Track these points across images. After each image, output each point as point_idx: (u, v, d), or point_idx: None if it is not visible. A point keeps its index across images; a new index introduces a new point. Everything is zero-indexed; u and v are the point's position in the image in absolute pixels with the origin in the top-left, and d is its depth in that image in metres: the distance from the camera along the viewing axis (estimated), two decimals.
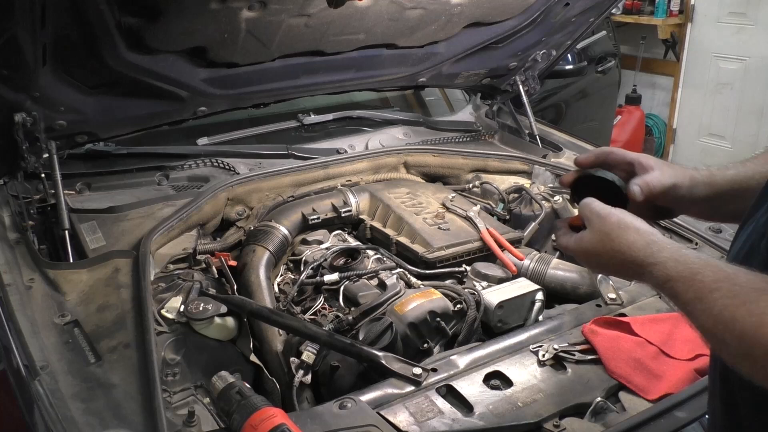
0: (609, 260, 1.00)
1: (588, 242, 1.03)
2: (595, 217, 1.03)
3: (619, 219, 1.01)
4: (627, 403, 1.33)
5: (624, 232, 0.98)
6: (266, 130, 2.54)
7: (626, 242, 0.97)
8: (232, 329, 1.59)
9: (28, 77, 1.62)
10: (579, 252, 1.06)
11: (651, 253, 0.94)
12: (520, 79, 2.67)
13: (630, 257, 0.96)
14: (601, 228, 1.01)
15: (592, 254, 1.03)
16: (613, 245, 0.98)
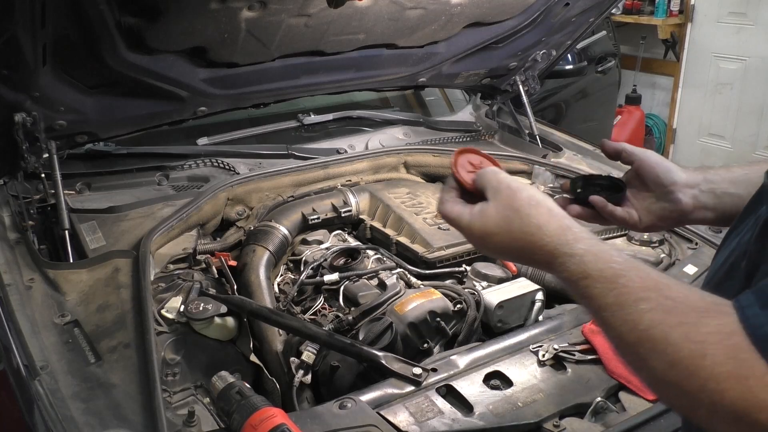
0: (512, 243, 0.85)
1: (490, 218, 0.87)
2: (504, 189, 0.87)
3: (530, 195, 0.86)
4: (627, 403, 1.33)
5: (535, 211, 0.84)
6: (266, 130, 2.54)
7: (536, 224, 0.83)
8: (232, 329, 1.59)
9: (28, 77, 1.62)
10: (475, 228, 0.89)
11: (566, 241, 0.81)
12: (520, 79, 2.67)
13: (539, 242, 0.82)
14: (510, 203, 0.86)
15: (492, 233, 0.87)
16: (522, 225, 0.84)
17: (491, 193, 0.89)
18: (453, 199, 0.95)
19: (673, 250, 1.92)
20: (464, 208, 0.91)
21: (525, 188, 0.88)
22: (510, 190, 0.87)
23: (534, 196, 0.86)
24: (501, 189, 0.88)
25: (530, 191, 0.87)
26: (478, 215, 0.89)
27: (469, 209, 0.91)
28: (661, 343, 0.67)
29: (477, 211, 0.89)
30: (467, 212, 0.91)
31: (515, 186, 0.88)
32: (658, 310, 0.69)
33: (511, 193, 0.86)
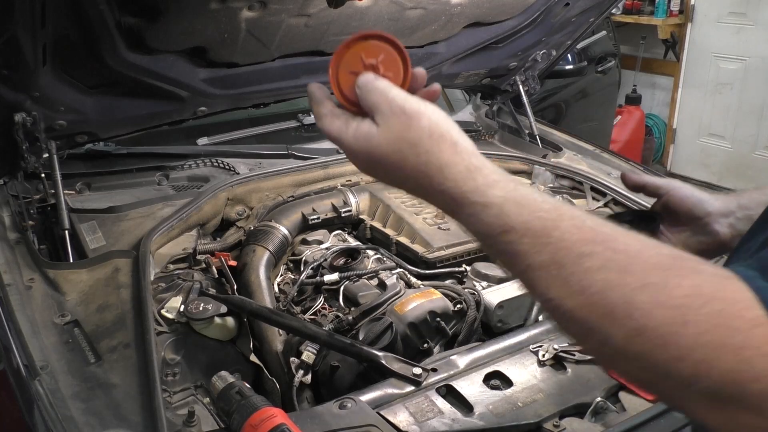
0: (405, 180, 0.72)
1: (377, 147, 0.71)
2: (397, 113, 0.71)
3: (432, 123, 0.70)
4: (627, 403, 1.33)
5: (437, 146, 0.69)
6: (266, 130, 2.54)
7: (437, 163, 0.69)
8: (232, 329, 1.59)
9: (28, 77, 1.62)
10: (360, 153, 0.74)
11: (476, 187, 0.67)
12: (520, 79, 2.67)
13: (440, 187, 0.69)
14: (403, 133, 0.70)
15: (379, 164, 0.72)
16: (417, 163, 0.69)
17: (380, 117, 0.71)
18: (331, 113, 0.76)
19: None
20: (344, 126, 0.74)
21: (424, 112, 0.70)
22: (405, 116, 0.70)
23: (437, 125, 0.70)
24: (392, 113, 0.70)
25: (432, 116, 0.70)
26: (363, 139, 0.72)
27: (352, 127, 0.73)
28: (621, 309, 0.56)
29: (362, 134, 0.72)
30: (350, 132, 0.73)
31: (411, 109, 0.70)
32: (610, 268, 0.58)
33: (406, 120, 0.70)
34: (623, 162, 2.46)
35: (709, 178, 5.84)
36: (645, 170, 2.38)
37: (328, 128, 0.76)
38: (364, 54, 0.75)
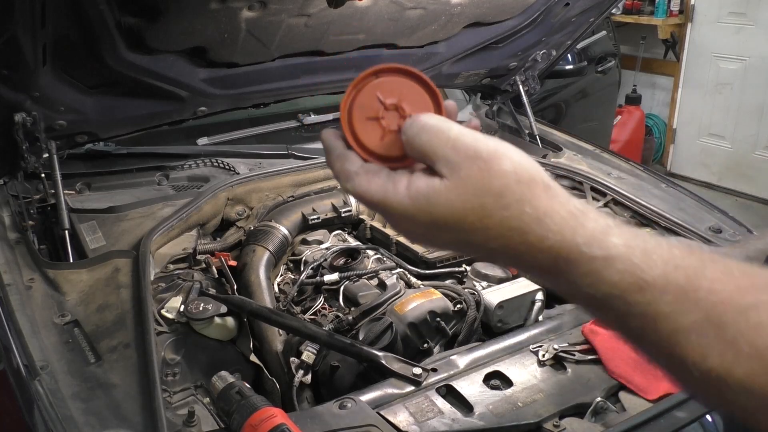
0: (488, 241, 0.56)
1: (446, 203, 0.55)
2: (472, 156, 0.55)
3: (515, 165, 0.56)
4: (627, 403, 1.33)
5: (529, 191, 0.55)
6: (266, 130, 2.54)
7: (535, 212, 0.55)
8: (232, 329, 1.59)
9: (28, 77, 1.62)
10: (419, 214, 0.56)
11: (591, 236, 0.54)
12: (520, 79, 2.67)
13: (542, 241, 0.54)
14: (482, 182, 0.54)
15: (450, 227, 0.56)
16: (507, 215, 0.55)
17: (444, 165, 0.55)
18: (364, 169, 0.59)
19: None
20: (391, 184, 0.57)
21: (504, 153, 0.56)
22: (481, 160, 0.55)
23: (522, 166, 0.56)
24: (463, 158, 0.55)
25: (513, 156, 0.56)
26: (424, 198, 0.56)
27: (402, 184, 0.57)
28: None
29: (420, 191, 0.56)
30: (401, 190, 0.57)
31: (488, 151, 0.55)
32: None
33: (483, 165, 0.55)
34: (623, 162, 2.46)
35: (709, 178, 5.84)
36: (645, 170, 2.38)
37: (364, 189, 0.58)
38: (381, 93, 0.59)
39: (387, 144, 0.59)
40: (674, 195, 2.18)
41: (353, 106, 0.60)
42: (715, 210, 2.08)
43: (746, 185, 5.61)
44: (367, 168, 0.59)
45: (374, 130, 0.59)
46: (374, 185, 0.58)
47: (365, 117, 0.59)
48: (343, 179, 0.60)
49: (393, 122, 0.59)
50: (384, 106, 0.59)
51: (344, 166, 0.60)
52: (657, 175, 2.35)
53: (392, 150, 0.59)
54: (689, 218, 2.00)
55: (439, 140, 0.56)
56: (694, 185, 5.60)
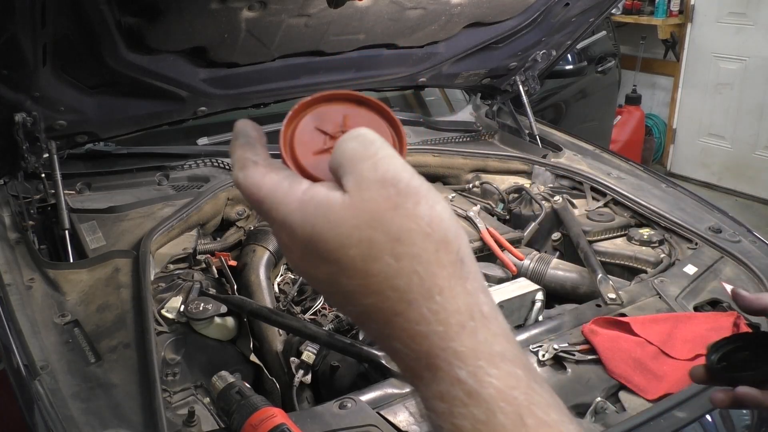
0: (361, 291, 0.45)
1: (335, 222, 0.45)
2: (386, 181, 0.45)
3: (433, 215, 0.45)
4: (627, 403, 1.33)
5: (433, 254, 0.44)
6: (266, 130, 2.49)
7: (428, 281, 0.44)
8: (232, 329, 1.59)
9: (28, 77, 1.62)
10: (302, 226, 0.46)
11: (473, 347, 0.43)
12: (520, 79, 2.67)
13: (417, 321, 0.44)
14: (383, 213, 0.44)
15: (329, 251, 0.45)
16: (395, 268, 0.44)
17: (352, 180, 0.46)
18: (266, 162, 0.50)
19: (673, 250, 1.92)
20: (286, 183, 0.48)
21: (426, 195, 0.46)
22: (395, 190, 0.45)
23: (441, 221, 0.45)
24: (376, 180, 0.45)
25: (436, 205, 0.46)
26: (314, 208, 0.46)
27: (299, 188, 0.47)
28: None
29: (314, 199, 0.46)
30: (294, 193, 0.47)
31: (408, 184, 0.45)
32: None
33: (395, 196, 0.45)
34: (623, 162, 2.46)
35: (709, 178, 5.85)
36: (645, 170, 2.38)
37: (255, 181, 0.49)
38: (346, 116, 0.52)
39: (319, 160, 0.50)
40: (674, 195, 2.18)
41: (307, 113, 0.53)
42: (715, 210, 2.08)
43: (746, 185, 5.61)
44: (271, 162, 0.50)
45: (313, 141, 0.51)
46: (268, 180, 0.48)
47: (313, 126, 0.52)
48: (238, 167, 0.50)
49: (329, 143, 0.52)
50: (340, 129, 0.51)
51: (245, 153, 0.51)
52: (657, 175, 2.35)
53: (319, 168, 0.50)
54: (689, 218, 2.00)
55: (363, 152, 0.46)
56: (694, 185, 5.60)
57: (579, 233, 1.95)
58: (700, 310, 1.64)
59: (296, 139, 0.51)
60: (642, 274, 1.83)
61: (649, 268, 1.87)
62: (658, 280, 1.72)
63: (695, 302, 1.65)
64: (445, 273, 0.44)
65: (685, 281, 1.72)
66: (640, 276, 1.81)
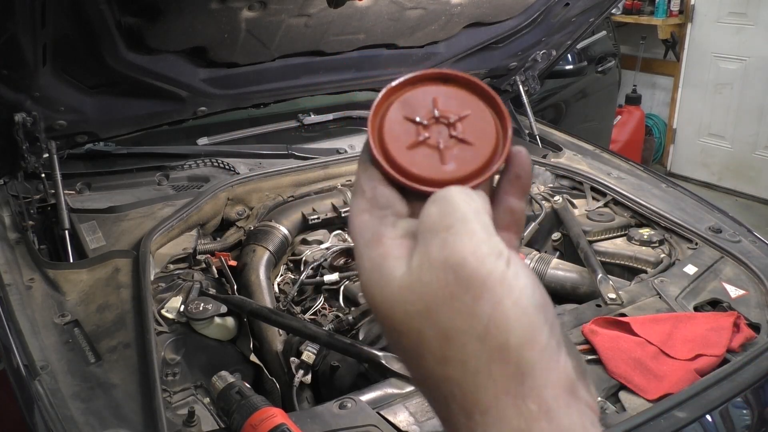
0: (416, 367, 0.41)
1: (391, 293, 0.40)
2: (448, 266, 0.39)
3: (498, 317, 0.38)
4: (627, 403, 1.33)
5: (486, 364, 0.38)
6: (266, 130, 2.54)
7: (471, 394, 0.38)
8: (232, 329, 1.59)
9: (28, 77, 1.62)
10: (371, 282, 0.41)
11: None
12: (520, 79, 2.67)
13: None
14: (436, 304, 0.39)
15: (386, 316, 0.41)
16: (440, 373, 0.39)
17: (419, 252, 0.40)
18: (372, 197, 0.44)
19: (673, 250, 1.92)
20: (369, 233, 0.43)
21: (494, 287, 0.38)
22: (454, 276, 0.38)
23: (506, 323, 0.38)
24: (448, 262, 0.39)
25: (518, 296, 0.39)
26: (377, 270, 0.41)
27: (376, 241, 0.42)
28: None
29: (383, 268, 0.41)
30: (371, 247, 0.42)
31: (475, 271, 0.38)
32: None
33: (454, 283, 0.38)
34: (623, 162, 2.46)
35: (709, 178, 5.84)
36: (645, 170, 2.38)
37: (351, 214, 0.45)
38: (436, 98, 0.45)
39: (414, 156, 0.44)
40: (674, 195, 2.18)
41: (392, 103, 0.45)
42: (715, 210, 2.08)
43: (746, 185, 5.61)
44: (376, 197, 0.44)
45: (406, 134, 0.44)
46: (359, 221, 0.44)
47: (402, 116, 0.45)
48: (354, 190, 0.46)
49: (435, 138, 0.44)
50: (433, 116, 0.45)
51: (362, 179, 0.45)
52: (657, 175, 2.35)
53: (417, 164, 0.43)
54: (689, 218, 2.00)
55: (438, 222, 0.40)
56: (694, 185, 5.59)
57: (579, 233, 1.95)
58: (700, 310, 1.64)
59: (386, 134, 0.44)
60: (642, 274, 1.83)
61: (649, 268, 1.87)
62: (658, 280, 1.72)
63: (695, 302, 1.65)
64: (494, 388, 0.37)
65: (685, 281, 1.72)
66: (640, 276, 1.81)
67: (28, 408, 1.25)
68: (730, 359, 1.45)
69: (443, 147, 0.44)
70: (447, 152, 0.44)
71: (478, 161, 0.44)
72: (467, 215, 0.40)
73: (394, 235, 0.42)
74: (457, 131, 0.44)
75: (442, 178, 0.43)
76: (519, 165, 0.45)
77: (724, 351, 1.46)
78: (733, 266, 1.79)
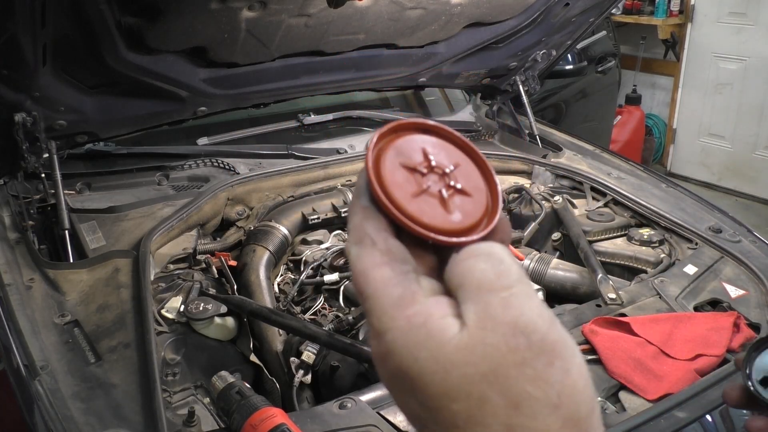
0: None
1: (449, 353, 0.37)
2: (515, 329, 0.37)
3: (573, 387, 0.38)
4: (627, 403, 1.33)
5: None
6: (266, 130, 2.54)
7: None
8: (232, 329, 1.59)
9: (28, 77, 1.62)
10: (410, 346, 0.38)
11: None
12: (520, 79, 2.67)
13: None
14: (502, 366, 0.37)
15: (436, 382, 0.37)
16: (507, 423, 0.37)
17: (475, 310, 0.38)
18: (386, 248, 0.41)
19: (673, 250, 1.92)
20: (399, 288, 0.40)
21: (563, 352, 0.38)
22: (524, 339, 0.37)
23: (577, 388, 0.38)
24: (514, 324, 0.37)
25: (569, 359, 0.38)
26: (423, 335, 0.38)
27: (409, 297, 0.39)
28: None
29: (430, 326, 0.39)
30: (405, 304, 0.39)
31: (555, 337, 0.38)
32: None
33: (525, 348, 0.37)
34: (623, 162, 2.46)
35: (709, 178, 5.84)
36: (645, 170, 2.38)
37: (364, 269, 0.41)
38: (429, 150, 0.45)
39: (422, 204, 0.42)
40: (674, 195, 2.18)
41: (385, 151, 0.43)
42: (715, 210, 2.08)
43: (746, 185, 5.61)
44: (391, 248, 0.41)
45: (407, 183, 0.42)
46: (379, 275, 0.40)
47: (398, 164, 0.43)
48: (354, 238, 0.42)
49: (434, 186, 0.43)
50: (427, 165, 0.43)
51: (366, 223, 0.42)
52: (657, 175, 2.35)
53: (427, 213, 0.42)
54: (689, 218, 2.00)
55: (494, 281, 0.39)
56: (694, 185, 5.59)
57: (579, 233, 1.95)
58: (700, 310, 1.64)
59: (387, 181, 0.42)
60: (642, 274, 1.83)
61: (649, 268, 1.87)
62: (658, 280, 1.72)
63: (695, 302, 1.65)
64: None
65: (685, 281, 1.72)
66: (640, 276, 1.81)
67: (28, 408, 1.25)
68: (730, 359, 1.45)
69: (446, 197, 0.43)
70: (450, 202, 0.43)
71: (479, 211, 0.43)
72: (522, 276, 0.39)
73: (426, 293, 0.40)
74: (454, 181, 0.44)
75: (452, 228, 0.41)
76: (502, 231, 0.44)
77: (724, 351, 1.46)
78: (733, 266, 1.79)
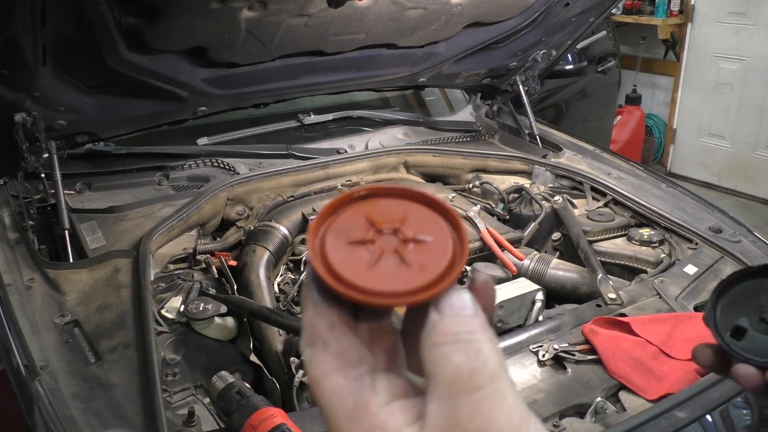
0: None
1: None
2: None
3: None
4: (627, 403, 1.33)
5: None
6: (266, 130, 2.54)
7: None
8: (232, 329, 1.59)
9: (28, 77, 1.62)
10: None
11: None
12: (520, 79, 2.67)
13: None
14: None
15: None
16: None
17: (439, 411, 0.36)
18: (338, 351, 0.39)
19: (673, 250, 1.92)
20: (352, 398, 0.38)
21: None
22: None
23: None
24: (469, 428, 0.36)
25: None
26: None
27: (364, 409, 0.37)
28: None
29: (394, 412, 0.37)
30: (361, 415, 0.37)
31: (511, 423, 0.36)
32: None
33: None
34: (623, 162, 2.46)
35: (709, 178, 5.84)
36: (645, 170, 2.38)
37: (317, 375, 0.38)
38: (373, 215, 0.42)
39: (378, 276, 0.39)
40: (674, 195, 2.18)
41: (326, 234, 0.41)
42: (715, 210, 2.08)
43: (746, 185, 5.61)
44: (343, 351, 0.38)
45: (357, 257, 0.40)
46: (332, 383, 0.37)
47: (344, 242, 0.41)
48: (306, 337, 0.39)
49: (388, 248, 0.41)
50: (375, 230, 0.41)
51: (318, 321, 0.39)
52: (657, 175, 2.35)
53: (388, 282, 0.39)
54: (689, 218, 2.00)
55: (466, 379, 0.36)
56: (694, 185, 5.59)
57: (579, 233, 1.95)
58: (700, 310, 1.64)
59: (336, 265, 0.39)
60: (642, 274, 1.83)
61: (650, 268, 1.87)
62: (659, 280, 1.72)
63: (695, 302, 1.65)
64: None
65: (686, 281, 1.72)
66: (640, 276, 1.81)
67: (28, 408, 1.25)
68: None
69: (405, 253, 0.40)
70: (409, 257, 0.40)
71: (445, 253, 0.41)
72: (497, 371, 0.37)
73: (381, 401, 0.37)
74: (410, 233, 0.41)
75: (419, 286, 0.39)
76: (486, 296, 0.42)
77: None
78: (733, 266, 1.78)
